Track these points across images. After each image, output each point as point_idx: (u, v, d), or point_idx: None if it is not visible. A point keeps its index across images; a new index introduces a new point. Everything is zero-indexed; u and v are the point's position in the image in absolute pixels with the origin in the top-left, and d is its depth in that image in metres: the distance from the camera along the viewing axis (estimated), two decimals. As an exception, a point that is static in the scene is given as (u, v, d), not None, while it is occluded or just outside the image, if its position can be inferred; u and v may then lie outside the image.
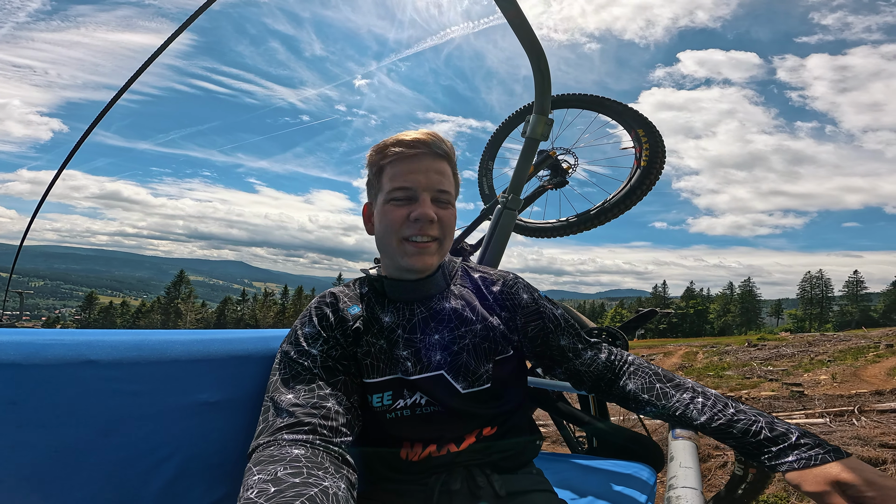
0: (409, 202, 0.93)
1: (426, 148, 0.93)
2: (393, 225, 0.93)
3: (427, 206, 0.92)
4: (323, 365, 0.86)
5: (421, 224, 0.91)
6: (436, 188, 0.94)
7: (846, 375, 8.68)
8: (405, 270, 0.96)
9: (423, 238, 0.92)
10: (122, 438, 0.78)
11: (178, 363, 0.87)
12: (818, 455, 0.73)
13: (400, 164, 0.93)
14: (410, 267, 0.94)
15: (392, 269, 0.99)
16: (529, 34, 1.43)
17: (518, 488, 0.95)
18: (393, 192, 0.93)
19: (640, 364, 0.99)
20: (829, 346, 14.04)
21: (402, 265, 0.95)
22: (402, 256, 0.93)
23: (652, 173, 2.40)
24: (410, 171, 0.93)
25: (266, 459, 0.69)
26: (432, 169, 0.94)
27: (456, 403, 0.92)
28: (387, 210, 0.93)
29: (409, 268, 0.94)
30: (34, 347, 0.76)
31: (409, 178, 0.92)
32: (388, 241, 0.94)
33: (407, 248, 0.93)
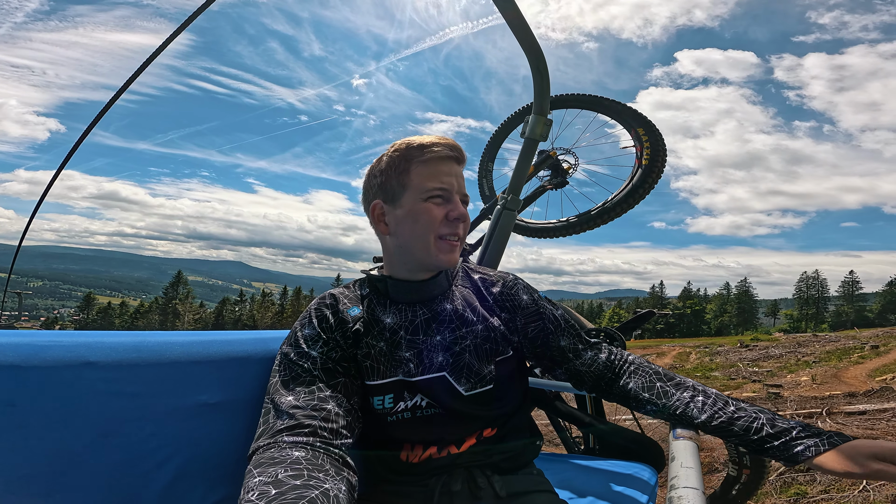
0: (445, 202, 0.95)
1: (457, 153, 0.97)
2: (433, 223, 0.93)
3: (460, 206, 0.97)
4: (323, 367, 0.86)
5: (458, 223, 0.96)
6: (462, 192, 0.99)
7: (827, 377, 8.70)
8: (432, 268, 0.98)
9: (455, 237, 0.96)
10: (121, 440, 0.78)
11: (178, 365, 0.87)
12: (823, 441, 0.75)
13: (435, 164, 0.95)
14: (442, 264, 0.96)
15: (402, 270, 0.99)
16: (528, 35, 1.43)
17: (519, 489, 0.95)
18: (432, 191, 0.94)
19: (640, 363, 0.99)
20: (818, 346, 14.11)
21: (433, 263, 0.95)
22: (437, 254, 0.94)
23: (654, 172, 2.39)
24: (446, 172, 0.96)
25: (267, 461, 0.68)
26: (459, 174, 0.99)
27: (457, 405, 0.92)
28: (426, 208, 0.94)
29: (439, 265, 0.96)
30: (33, 349, 0.75)
31: (446, 179, 0.95)
32: (423, 239, 0.94)
33: (442, 246, 0.95)
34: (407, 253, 0.97)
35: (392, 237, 0.97)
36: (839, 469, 0.72)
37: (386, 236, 0.99)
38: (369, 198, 1.00)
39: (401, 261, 0.98)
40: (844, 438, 0.74)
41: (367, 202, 1.01)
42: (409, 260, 0.97)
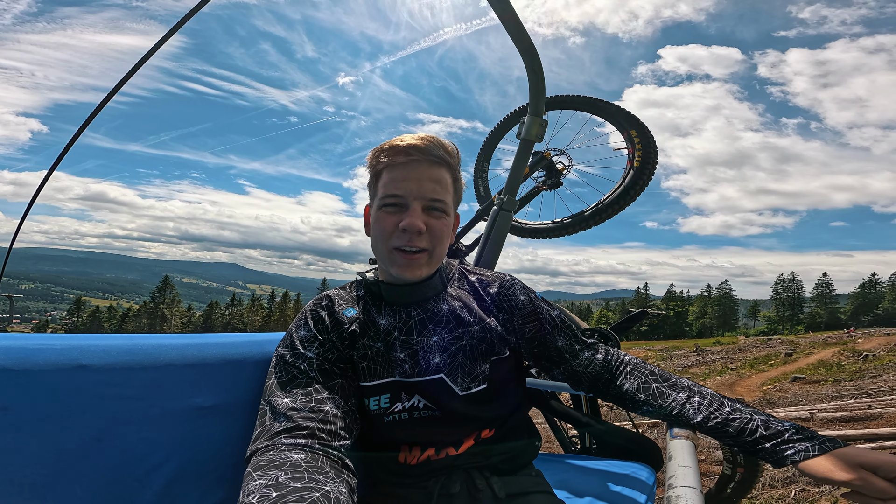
0: (399, 210, 0.91)
1: (420, 154, 0.90)
2: (383, 233, 0.91)
3: (416, 215, 0.89)
4: (319, 368, 0.86)
5: (409, 234, 0.89)
6: (428, 197, 0.91)
7: (723, 385, 8.74)
8: (398, 278, 0.96)
9: (412, 248, 0.90)
10: (115, 444, 0.77)
11: (172, 368, 0.86)
12: (815, 446, 0.75)
13: (394, 170, 0.91)
14: (399, 277, 0.93)
15: (386, 274, 0.99)
16: (523, 36, 1.43)
17: (517, 490, 0.95)
18: (384, 199, 0.91)
19: (637, 364, 0.99)
20: (755, 352, 14.39)
21: (394, 273, 0.94)
22: (392, 266, 0.92)
23: (645, 174, 2.42)
24: (403, 178, 0.90)
25: (266, 464, 0.68)
26: (426, 177, 0.91)
27: (454, 405, 0.92)
28: (378, 217, 0.92)
29: (398, 277, 0.94)
30: (25, 352, 0.75)
31: (401, 185, 0.90)
32: (378, 249, 0.94)
33: (396, 258, 0.91)
34: (378, 259, 0.97)
35: (370, 241, 0.98)
36: (819, 474, 0.72)
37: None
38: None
39: (380, 264, 0.99)
40: (836, 444, 0.74)
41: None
42: (383, 265, 0.97)
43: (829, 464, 0.72)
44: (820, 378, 8.06)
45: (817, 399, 5.94)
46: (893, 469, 0.68)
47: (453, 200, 0.98)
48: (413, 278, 0.93)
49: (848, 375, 8.06)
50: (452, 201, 0.97)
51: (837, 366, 9.46)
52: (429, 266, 0.94)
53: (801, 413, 5.44)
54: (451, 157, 0.95)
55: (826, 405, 5.43)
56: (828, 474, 0.71)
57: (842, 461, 0.71)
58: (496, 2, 1.33)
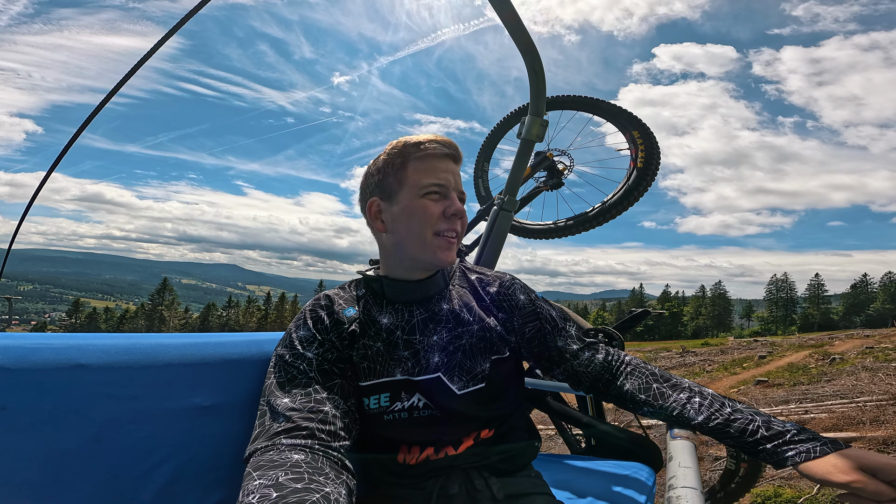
0: (441, 198, 0.95)
1: (451, 150, 0.97)
2: (430, 219, 0.93)
3: (458, 203, 0.96)
4: (319, 368, 0.85)
5: (455, 220, 0.95)
6: (459, 190, 0.98)
7: None
8: (430, 266, 0.97)
9: (453, 233, 0.95)
10: (114, 443, 0.77)
11: (171, 367, 0.86)
12: (816, 447, 0.74)
13: (432, 161, 0.95)
14: (439, 261, 0.95)
15: (399, 269, 0.98)
16: (524, 36, 1.43)
17: (516, 491, 0.94)
18: (429, 187, 0.93)
19: (637, 364, 0.99)
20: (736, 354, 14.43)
21: (430, 260, 0.94)
22: (434, 251, 0.94)
23: (648, 175, 2.41)
24: (443, 169, 0.95)
25: (266, 464, 0.68)
26: (455, 171, 0.98)
27: (452, 405, 0.92)
28: (423, 204, 0.93)
29: (436, 262, 0.95)
30: (23, 352, 0.74)
31: (443, 175, 0.95)
32: (420, 236, 0.93)
33: (440, 243, 0.94)
34: (403, 251, 0.96)
35: (389, 235, 0.97)
36: (818, 476, 0.71)
37: (382, 234, 0.98)
38: (366, 196, 1.00)
39: (397, 259, 0.98)
40: (837, 446, 0.74)
41: (364, 200, 1.00)
42: (406, 258, 0.96)
43: (829, 465, 0.71)
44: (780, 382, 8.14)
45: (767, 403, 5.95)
46: (894, 471, 0.67)
47: None
48: (450, 261, 0.96)
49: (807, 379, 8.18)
50: None
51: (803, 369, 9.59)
52: (455, 251, 0.99)
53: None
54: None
55: (770, 410, 5.43)
56: (827, 476, 0.71)
57: (842, 463, 0.71)
58: (497, 2, 1.33)
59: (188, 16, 1.72)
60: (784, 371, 9.56)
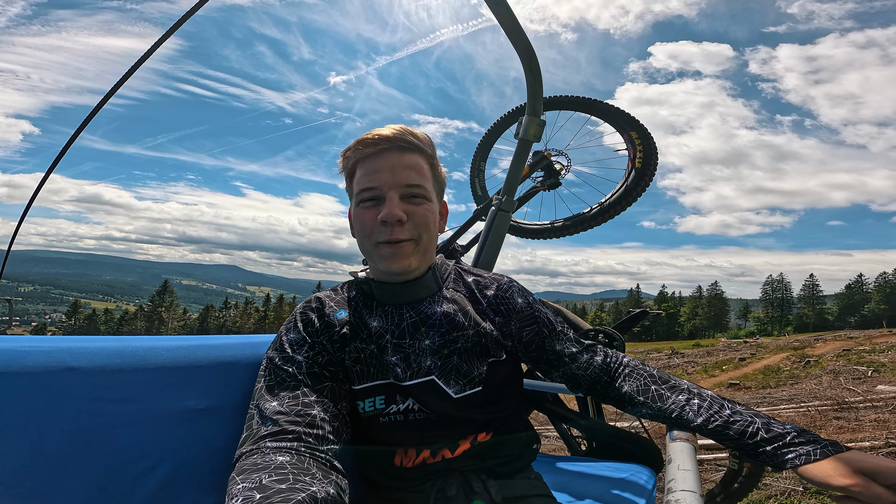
0: (376, 203, 0.89)
1: (388, 143, 0.89)
2: (364, 229, 0.90)
3: (394, 205, 0.87)
4: (308, 371, 0.84)
5: (390, 226, 0.87)
6: (404, 184, 0.88)
7: None
8: (386, 274, 0.94)
9: (396, 240, 0.88)
10: (106, 447, 0.76)
11: (163, 370, 0.85)
12: (816, 450, 0.73)
13: (365, 163, 0.90)
14: (389, 270, 0.91)
15: (376, 272, 0.97)
16: (521, 37, 1.42)
17: (515, 494, 0.93)
18: (360, 195, 0.90)
19: (636, 366, 0.98)
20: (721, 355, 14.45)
21: (381, 269, 0.92)
22: (379, 260, 0.91)
23: (646, 175, 2.41)
24: (375, 169, 0.89)
25: (250, 467, 0.67)
26: (399, 164, 0.89)
27: (448, 409, 0.91)
28: (358, 214, 0.91)
29: (387, 271, 0.91)
30: (13, 354, 0.74)
31: (374, 177, 0.88)
32: (364, 246, 0.93)
33: (382, 251, 0.90)
34: (366, 257, 0.96)
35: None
36: (817, 479, 0.71)
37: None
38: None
39: (370, 263, 0.97)
40: (838, 448, 0.73)
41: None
42: (372, 264, 0.96)
43: (828, 468, 0.71)
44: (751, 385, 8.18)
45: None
46: (893, 475, 0.67)
47: (434, 187, 0.96)
48: (401, 269, 0.90)
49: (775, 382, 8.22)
50: (433, 188, 0.95)
51: (776, 372, 9.66)
52: (417, 255, 0.92)
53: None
54: (423, 143, 0.93)
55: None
56: (826, 479, 0.70)
57: (842, 466, 0.70)
58: (494, 3, 1.33)
59: (185, 17, 1.72)
60: (759, 374, 9.69)
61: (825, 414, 5.01)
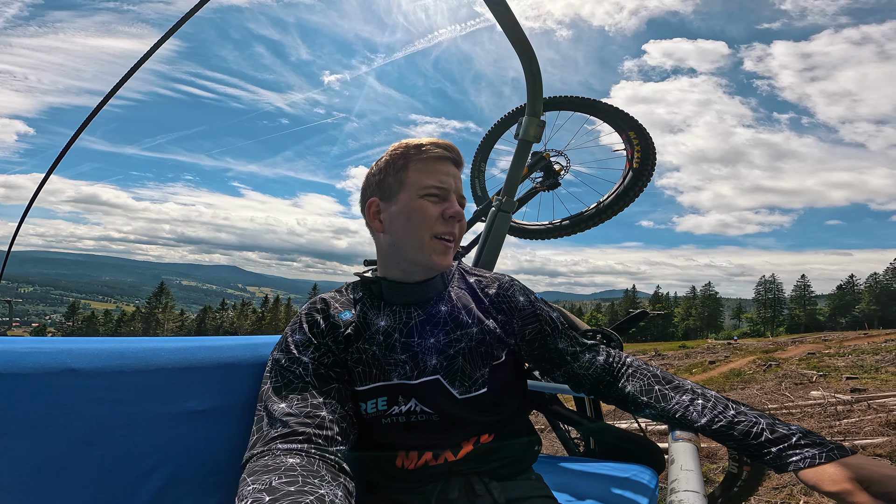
0: (440, 200, 0.94)
1: (454, 154, 0.97)
2: (427, 220, 0.92)
3: (457, 205, 0.95)
4: (315, 373, 0.85)
5: (453, 222, 0.94)
6: (459, 193, 0.98)
7: None
8: (425, 269, 0.95)
9: (451, 237, 0.94)
10: (107, 448, 0.76)
11: (164, 371, 0.85)
12: (821, 453, 0.72)
13: (434, 163, 0.95)
14: (435, 265, 0.94)
15: (396, 271, 0.97)
16: (521, 37, 1.42)
17: (517, 495, 0.93)
18: (429, 189, 0.93)
19: (639, 366, 0.98)
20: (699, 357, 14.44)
21: (426, 263, 0.93)
22: (430, 254, 0.93)
23: (644, 175, 2.41)
24: (444, 171, 0.95)
25: (260, 469, 0.67)
26: (456, 175, 0.98)
27: (452, 409, 0.91)
28: (421, 205, 0.92)
29: (432, 266, 0.94)
30: (13, 356, 0.74)
31: (444, 178, 0.94)
32: (418, 237, 0.92)
33: (437, 246, 0.93)
34: (400, 252, 0.95)
35: (386, 235, 0.96)
36: (810, 482, 0.71)
37: (380, 234, 0.97)
38: (366, 195, 0.99)
39: (394, 261, 0.97)
40: (843, 452, 0.72)
41: (364, 200, 1.00)
42: (402, 260, 0.95)
43: (823, 473, 0.70)
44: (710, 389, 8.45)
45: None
46: (887, 484, 0.65)
47: None
48: (446, 266, 0.95)
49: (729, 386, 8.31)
50: None
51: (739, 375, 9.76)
52: (451, 257, 0.97)
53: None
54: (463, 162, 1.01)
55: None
56: (818, 484, 0.69)
57: (838, 472, 0.69)
58: (494, 4, 1.33)
59: (185, 18, 1.71)
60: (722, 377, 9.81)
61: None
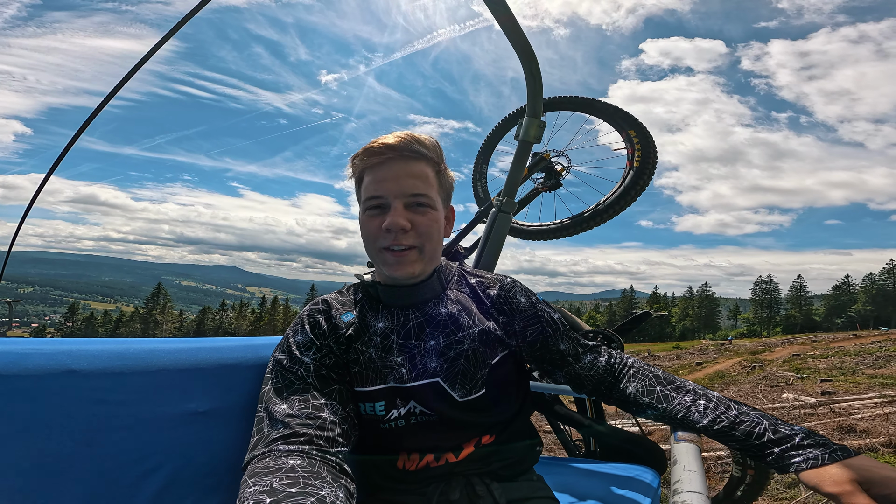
0: (382, 211, 0.90)
1: (394, 152, 0.90)
2: (369, 236, 0.92)
3: (398, 214, 0.88)
4: (316, 374, 0.85)
5: (394, 234, 0.88)
6: (408, 193, 0.89)
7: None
8: (390, 280, 0.96)
9: (399, 247, 0.89)
10: (107, 449, 0.76)
11: (165, 372, 0.85)
12: (825, 454, 0.72)
13: (372, 172, 0.92)
14: (393, 276, 0.92)
15: (382, 276, 0.98)
16: (521, 38, 1.42)
17: (518, 496, 0.93)
18: (366, 202, 0.91)
19: (640, 366, 0.98)
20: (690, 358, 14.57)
21: (387, 274, 0.94)
22: (384, 266, 0.92)
23: (645, 174, 2.41)
24: (381, 178, 0.90)
25: (262, 471, 0.67)
26: (404, 173, 0.90)
27: (452, 412, 0.91)
28: (363, 221, 0.93)
29: (392, 277, 0.93)
30: (14, 357, 0.74)
31: (380, 186, 0.90)
32: (370, 252, 0.94)
33: (387, 258, 0.91)
34: (372, 261, 0.97)
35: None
36: (810, 483, 0.70)
37: None
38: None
39: (376, 266, 0.98)
40: (847, 453, 0.71)
41: None
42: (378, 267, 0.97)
43: (824, 474, 0.69)
44: None
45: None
46: (888, 486, 0.65)
47: (439, 194, 0.96)
48: (406, 276, 0.91)
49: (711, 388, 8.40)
50: (438, 195, 0.96)
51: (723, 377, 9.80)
52: (422, 262, 0.93)
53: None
54: (429, 150, 0.93)
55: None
56: (818, 485, 0.69)
57: (840, 473, 0.68)
58: (494, 4, 1.33)
59: (185, 19, 1.71)
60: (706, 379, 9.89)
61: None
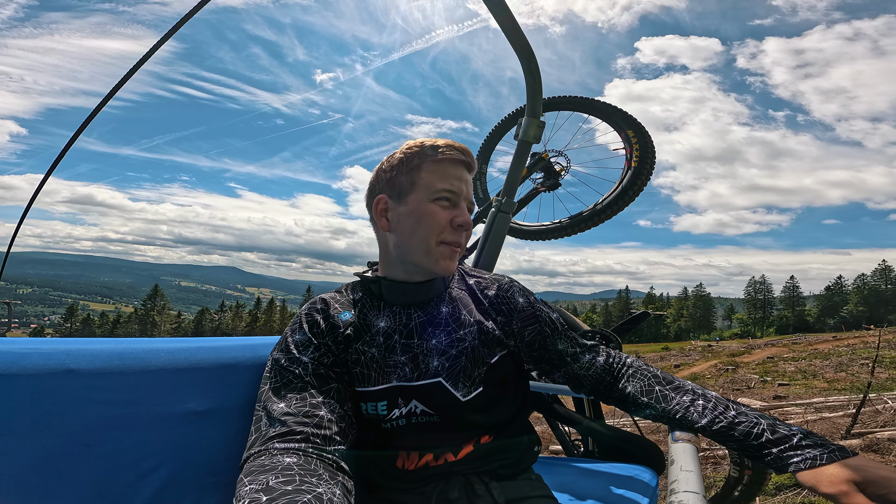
0: (451, 206, 0.93)
1: (469, 159, 0.95)
2: (436, 226, 0.91)
3: (467, 213, 0.93)
4: (314, 373, 0.84)
5: (461, 231, 0.92)
6: (470, 199, 0.96)
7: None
8: (428, 273, 0.94)
9: (457, 245, 0.93)
10: (106, 449, 0.76)
11: (164, 372, 0.85)
12: (823, 454, 0.72)
13: (448, 166, 0.93)
14: (440, 270, 0.92)
15: (399, 270, 0.96)
16: (520, 38, 1.43)
17: (517, 495, 0.93)
18: (441, 193, 0.91)
19: (639, 366, 0.98)
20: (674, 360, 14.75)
21: (430, 267, 0.92)
22: (435, 259, 0.91)
23: (643, 174, 2.42)
24: (456, 176, 0.93)
25: (258, 469, 0.67)
26: (468, 180, 0.96)
27: (454, 411, 0.91)
28: (431, 209, 0.91)
29: (436, 271, 0.93)
30: (13, 356, 0.74)
31: (456, 183, 0.92)
32: (423, 241, 0.91)
33: (443, 251, 0.92)
34: (405, 253, 0.94)
35: (392, 234, 0.95)
36: (807, 484, 0.70)
37: (386, 233, 0.96)
38: (375, 192, 0.97)
39: (398, 261, 0.96)
40: (845, 454, 0.71)
41: (372, 196, 0.98)
42: (406, 260, 0.94)
43: (822, 474, 0.70)
44: None
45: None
46: (885, 486, 0.65)
47: None
48: (449, 272, 0.94)
49: None
50: None
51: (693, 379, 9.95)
52: (456, 262, 0.96)
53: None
54: (475, 164, 0.99)
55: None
56: (816, 485, 0.69)
57: (837, 473, 0.69)
58: (493, 4, 1.33)
59: (185, 19, 1.71)
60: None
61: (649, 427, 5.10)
